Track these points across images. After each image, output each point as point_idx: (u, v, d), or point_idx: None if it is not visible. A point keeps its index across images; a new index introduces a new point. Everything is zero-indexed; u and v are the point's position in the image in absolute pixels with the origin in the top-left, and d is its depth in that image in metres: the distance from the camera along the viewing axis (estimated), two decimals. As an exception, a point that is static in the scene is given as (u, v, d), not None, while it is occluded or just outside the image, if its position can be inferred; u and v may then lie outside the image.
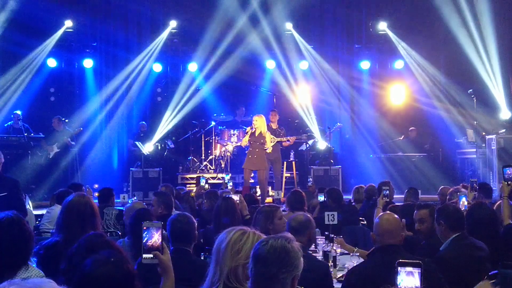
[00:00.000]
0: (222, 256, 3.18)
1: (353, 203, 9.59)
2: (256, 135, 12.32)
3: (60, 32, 15.81)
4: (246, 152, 12.79)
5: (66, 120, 14.73)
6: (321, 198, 8.75)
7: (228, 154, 15.48)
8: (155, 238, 3.11)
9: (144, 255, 3.10)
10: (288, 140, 13.22)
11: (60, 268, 3.61)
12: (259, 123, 12.36)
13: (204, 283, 3.27)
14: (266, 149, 12.42)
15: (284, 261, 2.85)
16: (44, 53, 15.76)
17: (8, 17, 14.54)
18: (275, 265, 2.84)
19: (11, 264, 3.69)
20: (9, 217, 3.87)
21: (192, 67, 16.51)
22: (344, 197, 9.47)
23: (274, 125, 13.31)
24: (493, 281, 3.29)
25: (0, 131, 14.54)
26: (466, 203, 6.63)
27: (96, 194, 8.67)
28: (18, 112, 14.48)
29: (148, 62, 16.45)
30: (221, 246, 3.25)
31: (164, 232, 3.23)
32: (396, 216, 4.68)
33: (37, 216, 9.27)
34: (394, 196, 9.78)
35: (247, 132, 12.50)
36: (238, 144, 15.11)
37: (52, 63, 16.07)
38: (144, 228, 3.13)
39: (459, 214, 5.34)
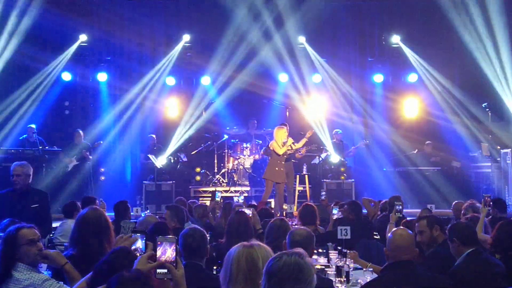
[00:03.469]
0: (258, 273, 3.19)
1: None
2: (291, 149, 12.41)
3: (74, 46, 15.97)
4: (271, 164, 12.66)
5: (82, 134, 14.81)
6: (335, 212, 8.68)
7: (241, 167, 15.49)
8: (169, 252, 3.12)
9: (158, 270, 3.10)
10: (299, 151, 13.18)
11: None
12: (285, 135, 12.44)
13: None
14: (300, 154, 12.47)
15: (298, 277, 2.84)
16: (59, 67, 15.91)
17: (23, 32, 14.65)
18: (289, 282, 2.83)
19: None
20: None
21: (205, 80, 16.57)
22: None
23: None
24: None
25: (15, 145, 14.63)
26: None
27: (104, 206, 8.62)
28: (33, 125, 14.58)
29: (161, 76, 16.52)
30: (257, 264, 3.29)
31: (177, 246, 3.23)
32: (409, 231, 4.67)
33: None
34: (408, 211, 9.74)
35: (281, 141, 12.41)
36: (251, 157, 15.13)
37: (67, 76, 16.21)
38: (159, 243, 3.14)
39: (471, 230, 5.34)
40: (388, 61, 16.99)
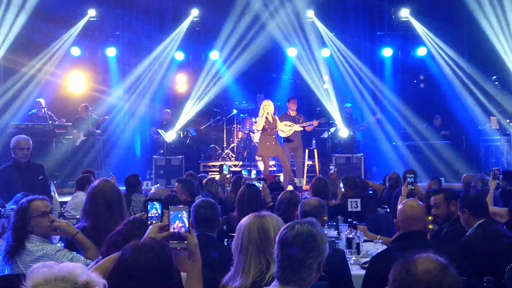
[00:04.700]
0: (271, 242, 3.23)
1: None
2: (271, 121, 12.35)
3: (83, 21, 15.91)
4: (261, 139, 12.74)
5: (91, 108, 14.85)
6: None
7: (250, 142, 15.52)
8: (181, 222, 3.13)
9: (171, 240, 3.12)
10: (311, 124, 13.20)
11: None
12: (271, 108, 12.40)
13: (239, 270, 3.34)
14: (283, 133, 12.50)
15: (311, 246, 2.87)
16: (68, 42, 15.87)
17: (32, 7, 14.62)
18: (302, 250, 2.86)
19: None
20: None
21: (214, 55, 16.53)
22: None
23: (293, 113, 13.31)
24: None
25: (24, 120, 14.69)
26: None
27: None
28: (41, 100, 14.63)
29: (170, 51, 16.49)
30: (268, 234, 3.33)
31: (189, 218, 3.24)
32: (420, 202, 4.69)
33: (61, 203, 9.39)
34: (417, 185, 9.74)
35: (261, 115, 12.45)
36: (252, 134, 15.16)
37: (76, 51, 16.19)
38: (171, 212, 3.15)
39: (482, 201, 5.37)
40: (397, 35, 16.90)
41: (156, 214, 3.43)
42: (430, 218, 5.35)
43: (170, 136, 15.25)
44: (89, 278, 2.07)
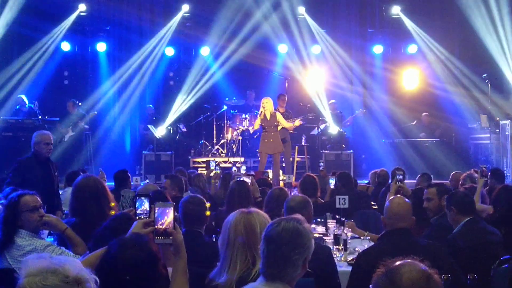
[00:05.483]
0: (257, 239, 3.24)
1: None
2: (268, 118, 12.30)
3: (74, 16, 15.85)
4: (261, 136, 12.73)
5: (80, 104, 14.79)
6: (332, 182, 8.75)
7: (240, 138, 15.52)
8: (167, 218, 3.14)
9: (157, 236, 3.13)
10: (293, 121, 13.16)
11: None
12: (269, 105, 12.35)
13: (224, 266, 3.35)
14: (286, 129, 12.48)
15: (297, 243, 2.89)
16: (58, 37, 15.82)
17: (22, 1, 14.55)
18: (287, 247, 2.87)
19: None
20: None
21: (204, 51, 16.51)
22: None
23: (282, 109, 13.31)
24: None
25: (12, 115, 14.61)
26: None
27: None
28: (22, 96, 14.55)
29: (161, 46, 16.46)
30: (255, 230, 3.34)
31: (176, 213, 3.25)
32: (406, 199, 4.71)
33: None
34: (406, 182, 9.76)
35: (259, 115, 12.47)
36: (250, 128, 15.13)
37: (66, 46, 16.14)
38: (157, 209, 3.16)
39: (469, 199, 5.40)
40: (388, 32, 16.93)
41: (145, 210, 3.43)
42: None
43: (160, 131, 15.23)
44: (80, 274, 2.07)
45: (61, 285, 1.99)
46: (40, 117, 14.11)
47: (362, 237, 6.09)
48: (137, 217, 3.37)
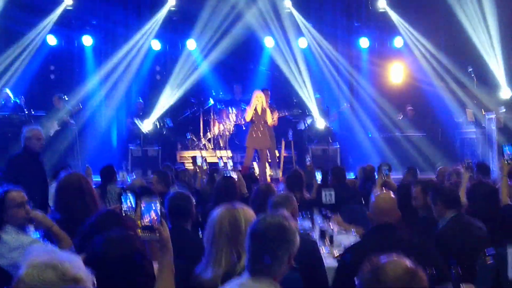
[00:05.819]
0: (242, 234, 3.24)
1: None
2: (260, 113, 12.25)
3: (60, 10, 15.73)
4: (249, 130, 12.67)
5: (66, 98, 14.69)
6: (319, 176, 8.72)
7: (227, 133, 15.50)
8: (153, 214, 3.14)
9: (142, 231, 3.12)
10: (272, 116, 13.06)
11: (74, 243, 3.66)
12: (262, 99, 12.29)
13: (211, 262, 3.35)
14: (270, 124, 12.39)
15: (282, 238, 2.90)
16: (44, 31, 15.71)
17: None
18: (273, 242, 2.88)
19: None
20: None
21: (191, 45, 16.45)
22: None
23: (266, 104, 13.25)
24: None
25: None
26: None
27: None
28: (7, 90, 14.33)
29: (147, 40, 16.39)
30: (240, 226, 3.34)
31: (162, 209, 3.25)
32: (392, 195, 4.73)
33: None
34: (392, 176, 9.79)
35: (252, 106, 12.38)
36: (238, 123, 15.10)
37: (52, 40, 16.03)
38: (143, 204, 3.15)
39: (455, 193, 5.42)
40: (374, 26, 16.91)
41: (130, 206, 3.43)
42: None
43: (146, 126, 15.18)
44: (79, 274, 2.06)
45: (58, 281, 1.99)
46: (26, 112, 14.01)
47: (347, 231, 6.11)
48: (124, 213, 3.36)
